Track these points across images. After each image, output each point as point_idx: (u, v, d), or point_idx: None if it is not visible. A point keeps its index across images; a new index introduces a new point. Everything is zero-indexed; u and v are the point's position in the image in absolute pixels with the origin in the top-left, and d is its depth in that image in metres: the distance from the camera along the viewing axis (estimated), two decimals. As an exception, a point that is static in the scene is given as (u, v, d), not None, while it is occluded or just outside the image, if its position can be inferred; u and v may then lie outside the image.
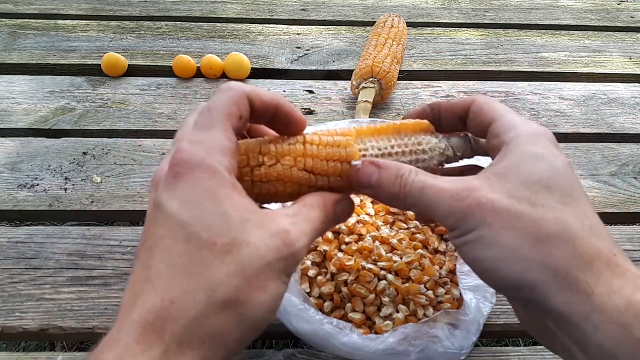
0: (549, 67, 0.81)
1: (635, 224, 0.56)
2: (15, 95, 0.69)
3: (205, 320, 0.23)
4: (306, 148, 0.31)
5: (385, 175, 0.29)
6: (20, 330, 0.42)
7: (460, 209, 0.27)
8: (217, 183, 0.25)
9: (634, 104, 0.73)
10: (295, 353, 0.42)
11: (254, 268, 0.24)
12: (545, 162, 0.27)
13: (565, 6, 1.01)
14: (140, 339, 0.22)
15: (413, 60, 0.81)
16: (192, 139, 0.26)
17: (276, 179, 0.30)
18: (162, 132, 0.64)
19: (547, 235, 0.25)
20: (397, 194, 0.29)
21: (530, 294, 0.25)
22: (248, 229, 0.24)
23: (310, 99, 0.71)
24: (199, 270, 0.23)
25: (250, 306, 0.24)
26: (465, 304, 0.38)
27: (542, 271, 0.25)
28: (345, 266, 0.41)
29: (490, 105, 0.31)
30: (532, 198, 0.26)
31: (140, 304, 0.23)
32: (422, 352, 0.36)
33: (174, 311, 0.22)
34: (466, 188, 0.27)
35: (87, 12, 0.90)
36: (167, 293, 0.23)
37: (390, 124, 0.33)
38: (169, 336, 0.22)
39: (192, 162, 0.25)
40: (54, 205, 0.53)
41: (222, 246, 0.24)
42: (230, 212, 0.24)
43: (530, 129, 0.29)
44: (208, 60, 0.73)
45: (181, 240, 0.24)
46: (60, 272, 0.47)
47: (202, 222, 0.24)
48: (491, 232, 0.26)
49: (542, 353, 0.42)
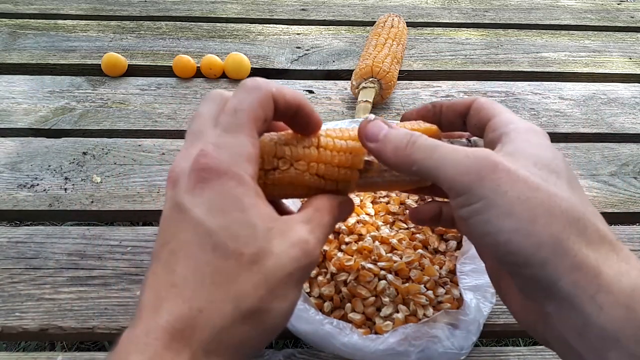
0: (549, 67, 0.81)
1: (635, 224, 0.56)
2: (15, 95, 0.69)
3: (231, 329, 0.23)
4: (320, 153, 0.31)
5: (394, 132, 0.29)
6: (20, 330, 0.42)
7: (474, 169, 0.26)
8: (243, 192, 0.25)
9: (634, 104, 0.73)
10: (295, 353, 0.42)
11: (277, 279, 0.24)
12: (549, 151, 0.28)
13: (565, 6, 1.01)
14: (168, 345, 0.22)
15: (413, 60, 0.81)
16: (219, 144, 0.25)
17: (288, 183, 0.30)
18: (162, 132, 0.64)
19: (561, 212, 0.25)
20: (403, 147, 0.28)
21: (540, 272, 0.24)
22: (271, 238, 0.25)
23: (310, 99, 0.71)
24: (226, 280, 0.23)
25: (272, 315, 0.24)
26: (465, 304, 0.38)
27: (554, 248, 0.24)
28: (345, 266, 0.41)
29: (489, 105, 0.32)
30: (544, 176, 0.26)
31: (167, 309, 0.23)
32: (422, 352, 0.36)
33: (202, 320, 0.23)
34: (483, 151, 0.27)
35: (87, 12, 0.90)
36: (195, 301, 0.23)
37: (399, 125, 0.34)
38: (196, 344, 0.23)
39: (220, 169, 0.25)
40: (54, 205, 0.53)
41: (249, 257, 0.24)
42: (256, 221, 0.25)
43: (528, 125, 0.30)
44: (208, 60, 0.73)
45: (208, 249, 0.24)
46: (60, 272, 0.47)
47: (230, 231, 0.24)
48: (506, 201, 0.25)
49: (542, 353, 0.42)
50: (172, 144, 0.62)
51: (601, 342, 0.23)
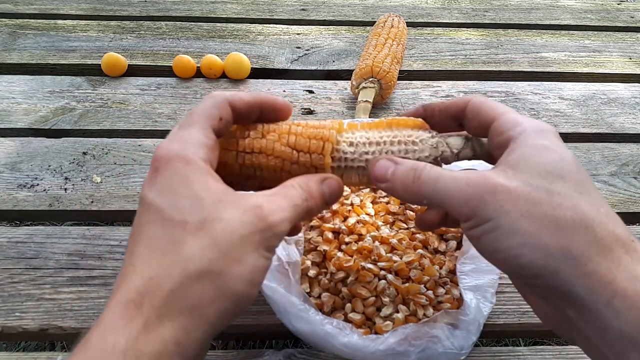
0: (549, 67, 0.81)
1: (635, 224, 0.56)
2: (15, 95, 0.69)
3: (181, 292, 0.24)
4: (291, 127, 0.32)
5: (401, 168, 0.30)
6: (20, 330, 0.42)
7: (477, 196, 0.27)
8: (190, 170, 0.26)
9: (634, 104, 0.73)
10: (295, 353, 0.42)
11: (228, 241, 0.25)
12: (555, 153, 0.28)
13: (565, 6, 1.01)
14: (122, 315, 0.23)
15: (413, 60, 0.81)
16: (171, 137, 0.28)
17: (259, 151, 0.32)
18: (162, 132, 0.64)
19: (567, 222, 0.25)
20: (411, 184, 0.29)
21: (553, 281, 0.25)
22: (221, 208, 0.26)
23: (310, 99, 0.71)
24: (173, 248, 0.25)
25: (227, 278, 0.25)
26: (465, 304, 0.38)
27: (563, 258, 0.25)
28: (344, 267, 0.41)
29: (489, 104, 0.31)
30: (548, 187, 0.26)
31: (124, 286, 0.24)
32: (423, 352, 0.36)
33: (152, 286, 0.24)
34: (482, 176, 0.27)
35: (87, 12, 0.90)
36: (146, 271, 0.24)
37: (382, 120, 0.34)
38: (148, 309, 0.23)
39: (168, 155, 0.27)
40: (54, 205, 0.53)
41: (194, 224, 0.25)
42: (202, 194, 0.26)
43: (536, 124, 0.30)
44: (208, 60, 0.73)
45: (159, 224, 0.25)
46: (60, 272, 0.47)
47: (176, 205, 0.26)
48: (510, 220, 0.26)
49: (542, 353, 0.42)
50: (172, 144, 0.62)
51: (621, 344, 0.24)
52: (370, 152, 0.32)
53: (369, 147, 0.32)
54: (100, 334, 0.23)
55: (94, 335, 0.23)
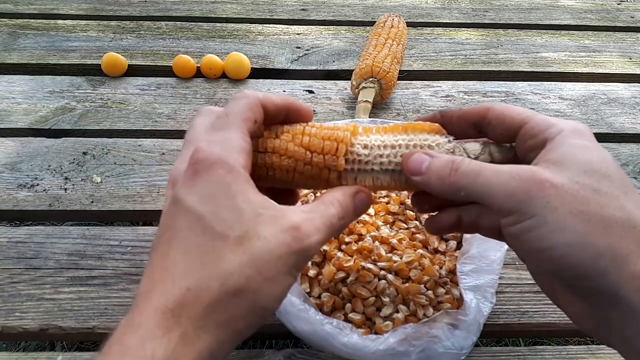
0: (549, 67, 0.81)
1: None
2: (15, 95, 0.69)
3: (218, 306, 0.24)
4: (305, 129, 0.32)
5: (437, 161, 0.30)
6: (20, 330, 0.42)
7: (522, 190, 0.26)
8: (232, 179, 0.26)
9: (634, 104, 0.73)
10: (295, 353, 0.42)
11: (265, 261, 0.25)
12: (597, 153, 0.27)
13: (565, 6, 1.01)
14: (160, 324, 0.23)
15: (413, 60, 0.81)
16: (211, 139, 0.27)
17: (273, 150, 0.31)
18: (162, 132, 0.64)
19: (615, 222, 0.25)
20: (447, 176, 0.29)
21: (602, 282, 0.25)
22: (260, 223, 0.25)
23: (310, 99, 0.71)
24: (212, 260, 0.25)
25: (260, 295, 0.25)
26: (466, 304, 0.38)
27: (613, 258, 0.24)
28: (344, 268, 0.41)
29: (514, 109, 0.31)
30: (595, 185, 0.26)
31: (159, 291, 0.24)
32: (423, 352, 0.36)
33: (191, 298, 0.24)
34: (528, 170, 0.27)
35: (87, 12, 0.90)
36: (184, 281, 0.24)
37: (398, 124, 0.33)
38: (186, 321, 0.24)
39: (210, 159, 0.26)
40: (54, 205, 0.53)
41: (235, 239, 0.25)
42: (244, 206, 0.26)
43: (572, 124, 0.29)
44: (208, 60, 0.73)
45: (198, 232, 0.25)
46: (60, 272, 0.47)
47: (217, 215, 0.25)
48: (557, 217, 0.25)
49: (542, 353, 0.42)
50: (172, 144, 0.62)
51: None
52: (385, 155, 0.32)
53: (384, 150, 0.32)
54: (139, 340, 0.23)
55: (131, 340, 0.23)
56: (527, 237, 0.26)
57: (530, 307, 0.44)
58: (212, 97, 0.71)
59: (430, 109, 0.70)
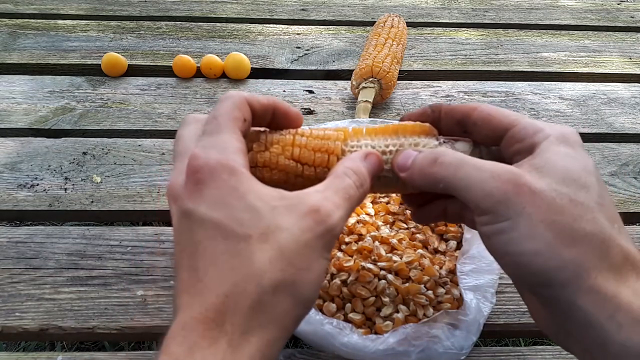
0: (549, 67, 0.81)
1: (635, 224, 0.56)
2: (15, 95, 0.69)
3: (260, 306, 0.24)
4: (295, 139, 0.32)
5: (421, 155, 0.30)
6: (20, 330, 0.42)
7: (500, 191, 0.26)
8: (237, 180, 0.26)
9: (634, 104, 0.73)
10: (295, 353, 0.42)
11: (294, 251, 0.25)
12: (579, 162, 0.27)
13: (565, 6, 1.01)
14: (204, 334, 0.23)
15: (413, 60, 0.81)
16: (205, 145, 0.27)
17: (263, 165, 0.31)
18: (162, 132, 0.64)
19: (585, 235, 0.25)
20: (427, 167, 0.29)
21: (560, 292, 0.25)
22: (278, 215, 0.25)
23: (310, 99, 0.71)
24: (242, 263, 0.24)
25: (299, 286, 0.25)
26: (465, 304, 0.38)
27: (575, 270, 0.25)
28: (344, 268, 0.41)
29: (501, 112, 0.31)
30: (572, 195, 0.26)
31: (197, 302, 0.24)
32: (422, 352, 0.36)
33: (230, 304, 0.23)
34: (509, 171, 0.27)
35: (87, 12, 0.90)
36: (220, 288, 0.24)
37: (389, 125, 0.33)
38: (230, 327, 0.23)
39: (210, 165, 0.26)
40: (54, 205, 0.53)
41: (258, 236, 0.24)
42: (258, 204, 0.25)
43: (559, 130, 0.29)
44: (208, 60, 0.73)
45: (220, 239, 0.25)
46: (60, 272, 0.47)
47: (235, 218, 0.25)
48: (529, 223, 0.25)
49: (542, 353, 0.42)
50: (172, 144, 0.62)
51: (623, 358, 0.24)
52: None
53: None
54: (187, 352, 0.22)
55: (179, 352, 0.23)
56: (497, 239, 0.26)
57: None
58: (212, 97, 0.71)
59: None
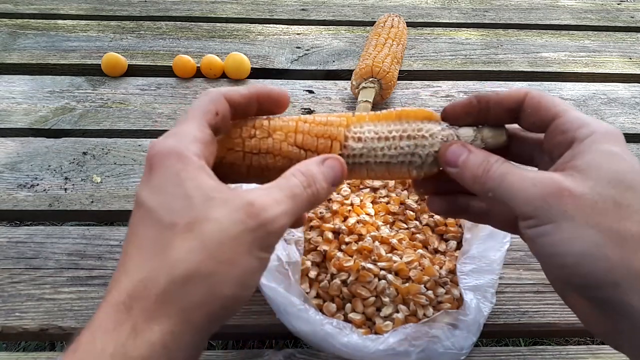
0: (549, 67, 0.80)
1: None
2: (15, 95, 0.69)
3: (169, 295, 0.24)
4: (298, 125, 0.32)
5: (473, 158, 0.30)
6: (20, 330, 0.42)
7: (541, 197, 0.26)
8: (182, 166, 0.26)
9: (634, 104, 0.73)
10: (295, 353, 0.42)
11: (217, 243, 0.24)
12: (626, 162, 0.27)
13: (565, 6, 1.01)
14: (113, 317, 0.23)
15: (413, 60, 0.81)
16: (166, 135, 0.28)
17: (267, 151, 0.31)
18: (162, 132, 0.64)
19: (632, 236, 0.25)
20: (479, 176, 0.29)
21: (612, 293, 0.25)
22: (211, 207, 0.25)
23: (310, 99, 0.71)
24: (161, 250, 0.24)
25: (216, 281, 0.24)
26: (466, 304, 0.38)
27: (625, 271, 0.24)
28: (344, 268, 0.41)
29: (549, 100, 0.30)
30: (617, 197, 0.26)
31: (115, 288, 0.24)
32: (422, 352, 0.36)
33: (141, 289, 0.24)
34: (550, 178, 0.27)
35: (87, 12, 0.90)
36: (136, 274, 0.24)
37: (392, 110, 0.33)
38: (137, 312, 0.23)
39: (162, 152, 0.26)
40: (54, 205, 0.53)
41: (184, 226, 0.24)
42: (192, 192, 0.25)
43: (605, 127, 0.29)
44: (208, 60, 0.73)
45: (149, 225, 0.25)
46: (60, 272, 0.47)
47: (166, 206, 0.25)
48: (573, 226, 0.25)
49: (542, 353, 0.42)
50: (172, 144, 0.62)
51: None
52: (379, 148, 0.32)
53: (378, 143, 0.32)
54: (90, 336, 0.23)
55: (84, 337, 0.23)
56: (542, 242, 0.26)
57: (530, 307, 0.44)
58: (212, 97, 0.71)
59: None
